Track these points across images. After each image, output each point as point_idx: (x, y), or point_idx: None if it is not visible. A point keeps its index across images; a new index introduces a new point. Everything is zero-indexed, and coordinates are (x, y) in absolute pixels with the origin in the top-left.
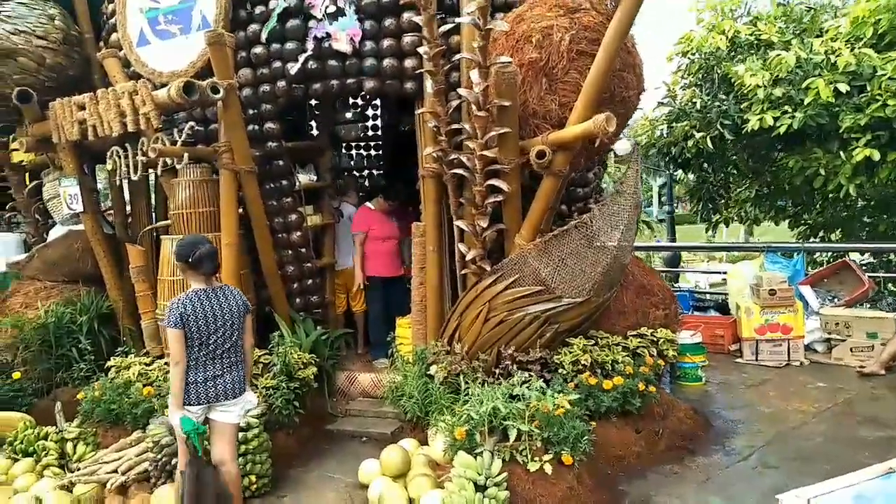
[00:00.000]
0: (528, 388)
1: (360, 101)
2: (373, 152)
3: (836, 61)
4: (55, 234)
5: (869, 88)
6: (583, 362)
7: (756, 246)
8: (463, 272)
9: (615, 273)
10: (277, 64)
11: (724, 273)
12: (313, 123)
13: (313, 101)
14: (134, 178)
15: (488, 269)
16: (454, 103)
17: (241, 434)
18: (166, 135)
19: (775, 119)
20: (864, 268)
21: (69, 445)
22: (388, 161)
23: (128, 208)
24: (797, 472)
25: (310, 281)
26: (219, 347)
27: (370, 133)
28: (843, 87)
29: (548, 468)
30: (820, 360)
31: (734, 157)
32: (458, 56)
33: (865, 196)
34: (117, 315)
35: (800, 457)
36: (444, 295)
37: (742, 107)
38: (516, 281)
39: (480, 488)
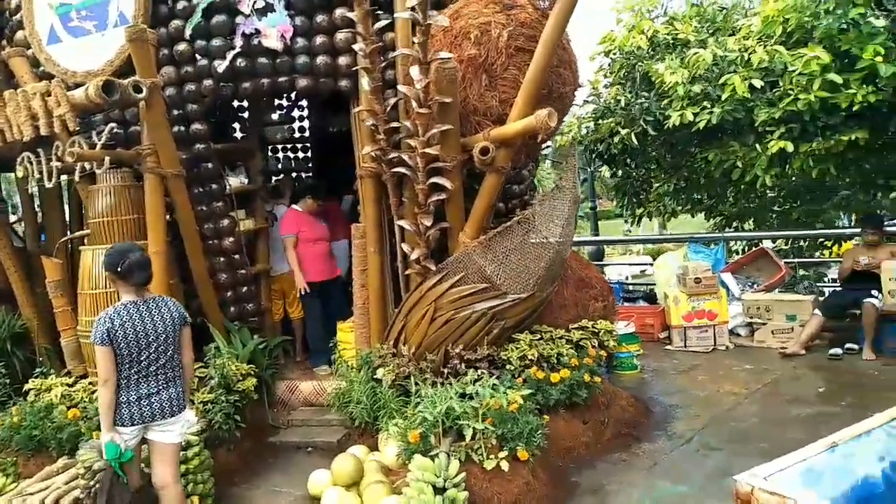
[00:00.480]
0: (481, 385)
1: (285, 102)
2: (300, 154)
3: (749, 58)
4: None
5: (781, 84)
6: (530, 357)
7: (679, 237)
8: (407, 272)
9: (557, 267)
10: (203, 62)
11: (646, 265)
12: (236, 125)
13: (235, 103)
14: (48, 185)
15: (433, 268)
16: (392, 101)
17: (180, 454)
18: (84, 138)
19: (695, 115)
20: (778, 254)
21: None
22: (317, 163)
23: (38, 219)
24: (737, 453)
25: (244, 288)
26: (152, 364)
27: (297, 135)
28: (758, 83)
29: (504, 465)
30: (744, 344)
31: (654, 154)
32: (396, 52)
33: (779, 186)
34: (32, 334)
35: (737, 438)
36: (386, 297)
37: (663, 104)
38: (461, 279)
39: (439, 490)
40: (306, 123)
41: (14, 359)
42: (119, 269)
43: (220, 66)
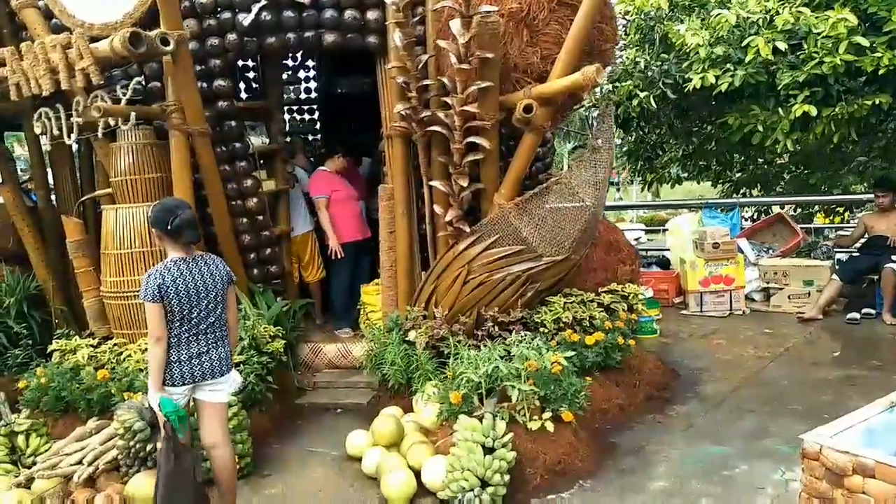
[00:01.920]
0: (526, 347)
1: (290, 63)
2: (306, 116)
3: (773, 20)
4: None
5: (805, 46)
6: (564, 320)
7: (694, 202)
8: (440, 234)
9: (591, 230)
10: (227, 14)
11: (640, 233)
12: (241, 84)
13: (240, 62)
14: (68, 141)
15: (467, 230)
16: (424, 58)
17: None
18: (105, 93)
19: (717, 77)
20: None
21: (20, 439)
22: (325, 125)
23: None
24: (772, 415)
25: (268, 250)
26: (202, 322)
27: (302, 96)
28: (782, 45)
29: (549, 426)
30: (760, 309)
31: (664, 118)
32: (439, 4)
33: (792, 152)
34: (47, 295)
35: (769, 400)
36: (414, 259)
37: (683, 66)
38: (496, 241)
39: (488, 450)
40: (312, 85)
41: (31, 321)
42: (169, 227)
43: (245, 19)
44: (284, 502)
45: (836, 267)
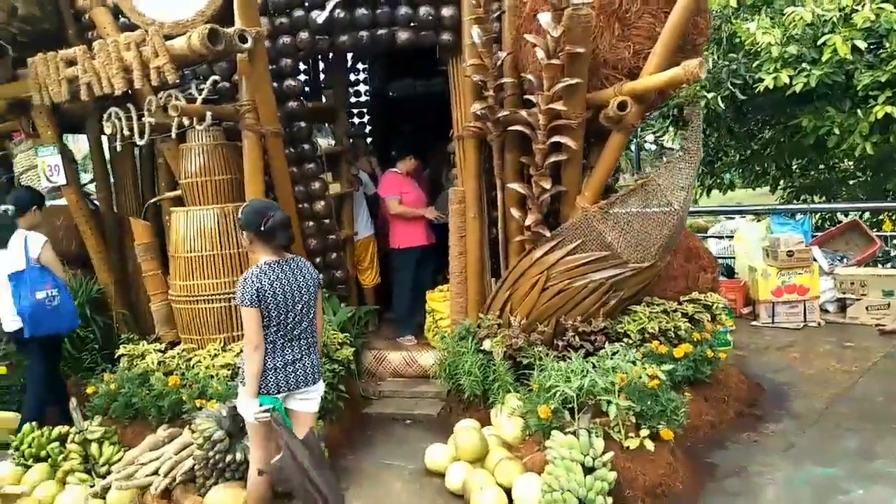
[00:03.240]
0: (621, 359)
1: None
2: (356, 119)
3: (851, 17)
4: None
5: (887, 44)
6: (649, 330)
7: (761, 209)
8: (516, 239)
9: (676, 235)
10: (299, 12)
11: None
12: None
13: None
14: (140, 142)
15: (547, 234)
16: (502, 54)
17: None
18: (178, 92)
19: (791, 77)
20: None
21: (93, 447)
22: (377, 129)
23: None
24: (876, 433)
25: (333, 254)
26: (296, 327)
27: (352, 100)
28: (861, 44)
29: (648, 444)
30: (835, 321)
31: (724, 121)
32: None
33: (868, 156)
34: (109, 299)
35: (869, 417)
36: (484, 265)
37: (752, 66)
38: (578, 246)
39: (588, 470)
40: (361, 88)
41: (94, 325)
42: (262, 229)
43: (319, 16)
44: None
45: None
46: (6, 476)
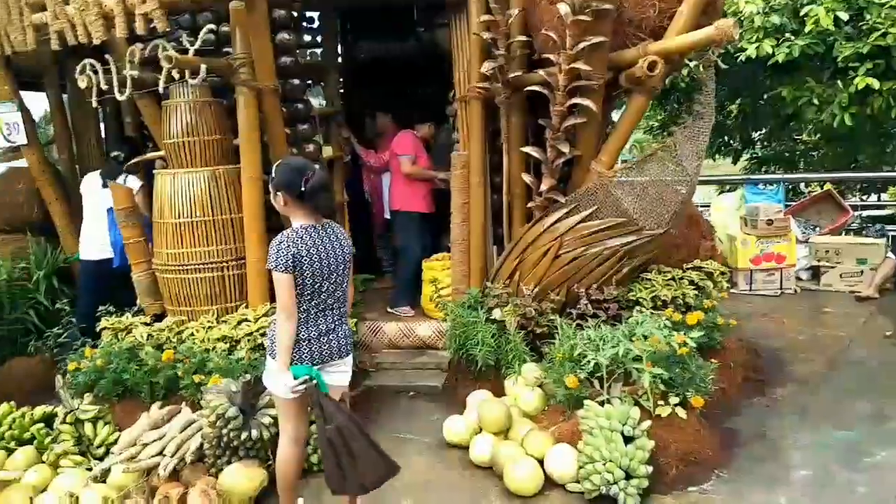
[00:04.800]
0: (654, 326)
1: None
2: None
3: None
4: None
5: (868, 17)
6: (662, 297)
7: (736, 178)
8: (529, 205)
9: (688, 202)
10: None
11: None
12: None
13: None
14: (121, 97)
15: (562, 200)
16: (513, 11)
17: None
18: (168, 42)
19: (773, 47)
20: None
21: (87, 427)
22: (347, 92)
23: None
24: (885, 396)
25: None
26: (330, 296)
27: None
28: (844, 16)
29: (680, 412)
30: (809, 287)
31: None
32: None
33: (826, 127)
34: (76, 269)
35: (872, 381)
36: (488, 232)
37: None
38: (594, 213)
39: (628, 439)
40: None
41: (62, 297)
42: (304, 189)
43: None
44: (398, 494)
45: (890, 244)
46: None
